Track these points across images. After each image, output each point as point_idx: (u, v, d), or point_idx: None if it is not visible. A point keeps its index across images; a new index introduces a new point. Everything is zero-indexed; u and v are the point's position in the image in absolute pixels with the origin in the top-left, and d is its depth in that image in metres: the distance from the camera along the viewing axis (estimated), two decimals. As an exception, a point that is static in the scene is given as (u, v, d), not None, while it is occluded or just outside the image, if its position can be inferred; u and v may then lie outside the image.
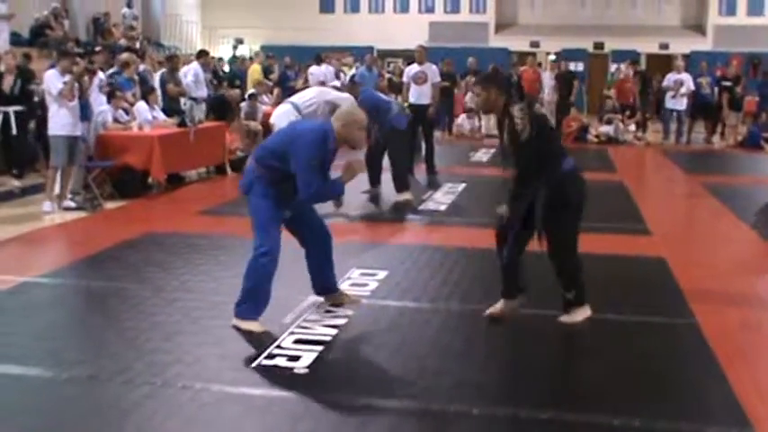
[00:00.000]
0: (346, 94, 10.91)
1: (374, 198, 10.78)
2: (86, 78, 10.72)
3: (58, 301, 6.65)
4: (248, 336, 5.55)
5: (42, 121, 11.38)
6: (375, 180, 11.08)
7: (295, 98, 10.78)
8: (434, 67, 13.99)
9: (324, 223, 6.19)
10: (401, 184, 10.84)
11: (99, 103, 11.47)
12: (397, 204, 10.63)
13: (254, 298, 5.70)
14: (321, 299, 6.26)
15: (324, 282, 6.22)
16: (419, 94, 13.64)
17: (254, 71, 19.49)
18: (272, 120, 10.59)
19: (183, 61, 16.00)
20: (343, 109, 5.87)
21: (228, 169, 13.14)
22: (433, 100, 13.71)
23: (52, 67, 10.70)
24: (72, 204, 10.09)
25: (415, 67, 13.90)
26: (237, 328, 5.64)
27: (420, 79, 13.64)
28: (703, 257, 8.35)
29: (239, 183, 5.94)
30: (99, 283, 6.96)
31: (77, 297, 6.74)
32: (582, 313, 5.84)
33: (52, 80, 9.96)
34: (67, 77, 9.98)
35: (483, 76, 6.47)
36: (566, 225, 5.71)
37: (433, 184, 12.47)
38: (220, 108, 14.21)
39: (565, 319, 5.84)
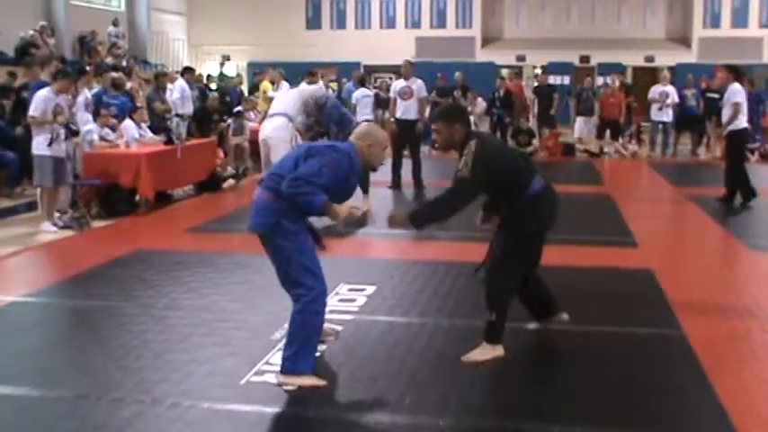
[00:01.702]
0: (317, 86, 10.88)
1: None
2: (70, 96, 10.72)
3: (45, 321, 6.64)
4: (237, 353, 5.55)
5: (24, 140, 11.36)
6: None
7: (281, 108, 10.68)
8: (420, 81, 13.95)
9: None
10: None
11: (85, 121, 11.47)
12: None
13: (309, 349, 5.06)
14: None
15: None
16: (405, 109, 13.62)
17: (267, 88, 19.37)
18: (267, 133, 10.42)
19: (170, 78, 16.00)
20: (363, 128, 5.38)
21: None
22: (420, 115, 13.71)
23: (42, 86, 10.62)
24: (59, 223, 10.06)
25: (401, 82, 13.89)
26: (283, 384, 5.00)
27: (406, 94, 13.62)
28: (690, 268, 8.39)
29: (254, 223, 5.02)
30: (87, 301, 6.95)
31: (65, 316, 6.72)
32: (490, 352, 5.49)
33: (42, 101, 9.93)
34: (61, 98, 9.96)
35: (445, 110, 5.82)
36: (509, 250, 5.48)
37: (421, 199, 12.49)
38: (203, 120, 14.18)
39: (466, 357, 5.48)
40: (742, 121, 12.08)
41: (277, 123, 10.41)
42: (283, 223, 4.92)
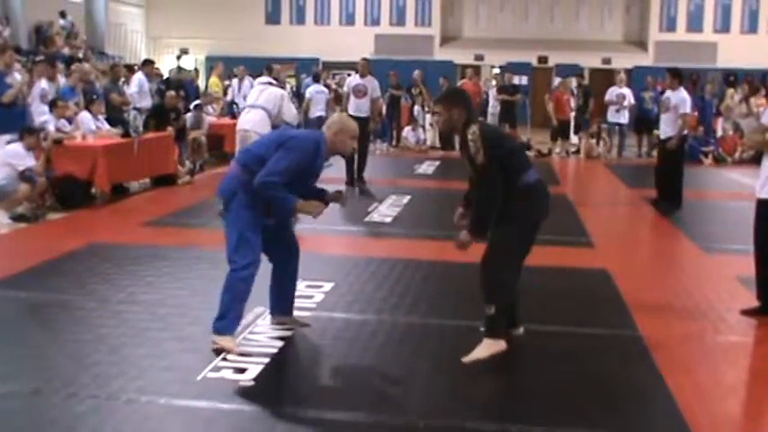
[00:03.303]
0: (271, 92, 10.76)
1: None
2: (25, 87, 10.60)
3: (-1, 314, 6.56)
4: (194, 349, 5.52)
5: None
6: None
7: (262, 102, 10.56)
8: (376, 81, 13.95)
9: (295, 238, 5.97)
10: None
11: (40, 112, 11.34)
12: None
13: (232, 313, 5.52)
14: (266, 310, 6.17)
15: (281, 301, 6.00)
16: (357, 107, 13.62)
17: (214, 84, 19.29)
18: (246, 126, 10.20)
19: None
20: (335, 117, 5.76)
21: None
22: (372, 114, 13.74)
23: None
24: (13, 214, 9.91)
25: (356, 79, 13.89)
26: (214, 343, 5.48)
27: (360, 92, 13.63)
28: (645, 269, 8.49)
29: (219, 187, 5.58)
30: (41, 294, 6.86)
31: (19, 309, 6.61)
32: (492, 347, 5.38)
33: (17, 156, 9.88)
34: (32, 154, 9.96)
35: (446, 94, 6.03)
36: (505, 237, 5.40)
37: (364, 193, 12.80)
38: (160, 116, 14.01)
39: (467, 357, 5.37)
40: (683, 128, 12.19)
41: (257, 117, 10.24)
42: (240, 194, 5.45)
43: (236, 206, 5.46)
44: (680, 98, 12.00)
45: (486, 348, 5.38)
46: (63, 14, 23.98)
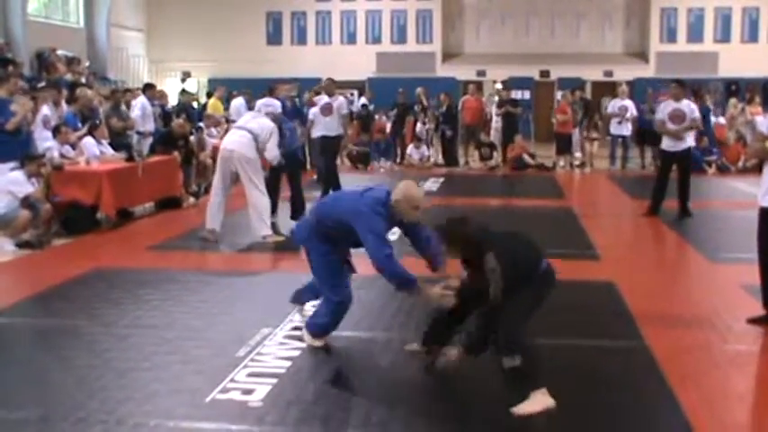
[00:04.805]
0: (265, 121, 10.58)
1: (273, 225, 10.64)
2: (30, 114, 10.62)
3: (5, 341, 6.55)
4: (202, 370, 5.52)
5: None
6: (272, 208, 10.85)
7: (247, 124, 10.46)
8: (342, 99, 14.61)
9: None
10: (300, 209, 11.29)
11: (44, 138, 11.35)
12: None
13: (322, 324, 6.05)
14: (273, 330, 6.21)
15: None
16: (325, 126, 13.95)
17: (215, 106, 19.31)
18: (230, 146, 10.09)
19: (133, 95, 15.91)
20: (401, 185, 5.67)
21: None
22: (344, 130, 14.55)
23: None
24: (20, 240, 9.93)
25: (324, 99, 14.23)
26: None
27: (326, 110, 13.94)
28: (652, 280, 8.47)
29: (295, 236, 6.37)
30: (48, 320, 6.88)
31: (26, 336, 6.64)
32: (539, 401, 4.86)
33: (18, 183, 9.96)
34: (34, 181, 10.00)
35: (439, 232, 5.47)
36: (519, 304, 5.09)
37: None
38: (168, 143, 14.03)
39: (517, 409, 4.84)
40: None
41: (246, 140, 10.08)
42: (315, 243, 6.00)
43: (315, 254, 6.05)
44: (691, 107, 12.31)
45: (535, 402, 4.87)
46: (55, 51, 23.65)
